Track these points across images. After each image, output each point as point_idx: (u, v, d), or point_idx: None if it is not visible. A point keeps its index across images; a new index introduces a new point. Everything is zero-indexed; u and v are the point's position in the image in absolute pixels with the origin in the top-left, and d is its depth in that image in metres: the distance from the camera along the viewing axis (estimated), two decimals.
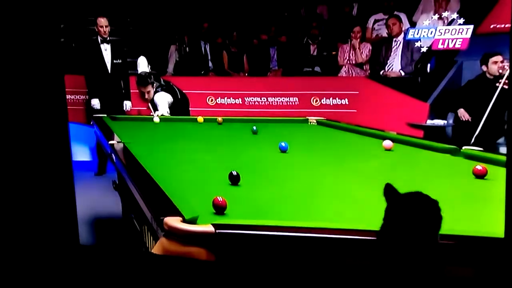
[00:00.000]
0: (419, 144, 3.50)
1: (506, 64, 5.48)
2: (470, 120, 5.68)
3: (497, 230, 1.47)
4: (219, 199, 1.78)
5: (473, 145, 3.28)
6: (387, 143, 3.37)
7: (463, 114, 5.75)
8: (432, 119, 6.39)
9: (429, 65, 6.79)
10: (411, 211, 1.23)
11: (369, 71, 7.11)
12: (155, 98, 5.51)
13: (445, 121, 6.29)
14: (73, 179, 2.06)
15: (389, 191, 1.31)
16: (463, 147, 3.21)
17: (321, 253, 1.45)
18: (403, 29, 6.83)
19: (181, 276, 1.48)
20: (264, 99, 7.13)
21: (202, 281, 1.45)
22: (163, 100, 5.49)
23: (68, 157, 2.22)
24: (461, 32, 6.03)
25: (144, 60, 6.10)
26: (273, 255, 1.44)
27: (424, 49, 6.59)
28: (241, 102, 7.14)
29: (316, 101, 7.01)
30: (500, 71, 5.46)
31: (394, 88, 6.59)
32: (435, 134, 6.05)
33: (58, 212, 1.98)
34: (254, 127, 4.14)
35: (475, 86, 5.67)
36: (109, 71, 6.24)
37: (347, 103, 6.94)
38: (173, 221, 1.55)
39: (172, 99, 5.59)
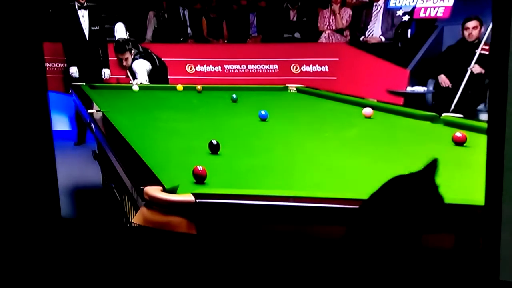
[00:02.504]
0: (399, 112, 3.51)
1: (478, 30, 5.44)
2: (450, 86, 5.68)
3: (477, 197, 1.49)
4: (199, 168, 1.79)
5: (453, 112, 3.29)
6: (367, 110, 3.38)
7: (443, 80, 5.70)
8: (412, 86, 6.36)
9: (409, 30, 6.76)
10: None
11: (349, 37, 7.08)
12: (133, 65, 5.45)
13: (425, 88, 6.27)
14: (53, 150, 2.06)
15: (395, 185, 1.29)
16: (443, 114, 3.23)
17: (301, 222, 1.46)
18: None
19: (162, 247, 1.50)
20: (243, 67, 7.08)
21: (183, 251, 1.47)
22: (142, 67, 5.44)
23: (48, 126, 2.20)
24: (443, 0, 5.93)
25: (121, 26, 6.00)
26: (253, 224, 1.46)
27: (405, 18, 6.55)
28: (220, 70, 7.09)
29: (296, 68, 6.98)
30: (469, 39, 5.44)
31: (374, 54, 6.56)
32: (415, 101, 6.03)
33: (39, 184, 1.97)
34: (234, 95, 4.13)
35: (455, 51, 5.60)
36: (87, 38, 6.14)
37: (327, 70, 6.91)
38: (153, 191, 1.56)
39: (150, 67, 5.53)
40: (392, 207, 1.23)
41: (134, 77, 5.42)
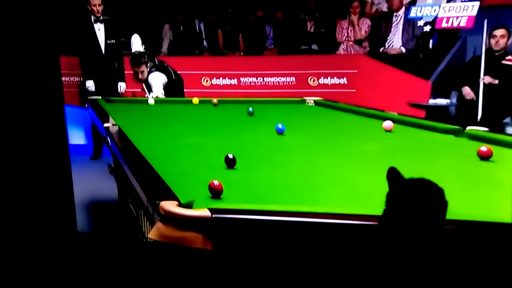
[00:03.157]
0: (420, 125, 3.46)
1: (505, 40, 5.35)
2: (474, 98, 5.55)
3: (504, 215, 1.45)
4: (215, 183, 1.80)
5: (477, 125, 3.23)
6: (388, 123, 3.34)
7: (467, 92, 5.60)
8: (434, 98, 6.25)
9: (431, 40, 6.68)
10: (415, 198, 1.23)
11: (368, 48, 7.05)
12: (149, 78, 5.50)
13: (448, 100, 6.14)
14: (70, 164, 2.08)
15: (393, 175, 1.29)
16: (467, 128, 3.17)
17: (320, 239, 1.45)
18: (404, 2, 6.71)
19: (178, 263, 1.50)
20: (260, 79, 7.11)
21: (199, 268, 1.47)
22: (158, 80, 5.49)
23: (65, 141, 2.23)
24: (466, 9, 5.77)
25: (137, 39, 6.06)
26: (270, 240, 1.45)
27: (427, 28, 6.47)
28: (236, 83, 7.13)
29: (314, 80, 6.98)
30: (496, 47, 5.35)
31: (394, 66, 6.47)
32: (438, 114, 5.91)
33: (56, 199, 2.00)
34: (250, 108, 4.14)
35: (480, 62, 5.50)
36: (103, 52, 6.22)
37: (345, 82, 6.89)
38: (169, 205, 1.56)
39: (166, 80, 5.58)
40: (408, 224, 1.22)
41: (150, 90, 5.47)
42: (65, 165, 2.08)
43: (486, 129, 3.15)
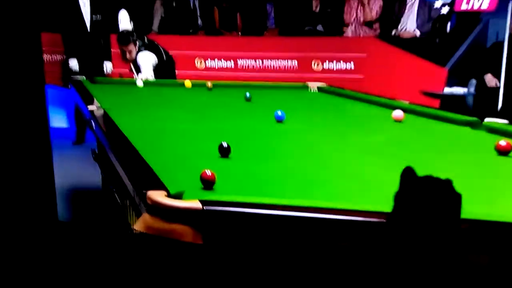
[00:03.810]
0: (434, 115, 3.46)
1: None
2: (498, 85, 5.45)
3: None
4: (208, 173, 1.81)
5: (497, 117, 3.23)
6: (398, 113, 3.34)
7: (490, 79, 5.54)
8: (450, 86, 6.22)
9: (449, 23, 6.64)
10: (425, 198, 1.25)
11: (379, 31, 7.04)
12: (137, 58, 5.50)
13: (466, 89, 6.09)
14: (50, 149, 2.10)
15: (407, 175, 1.30)
16: (486, 119, 3.16)
17: (319, 236, 1.46)
18: None
19: (165, 256, 1.52)
20: (259, 62, 7.11)
21: (187, 262, 1.49)
22: (147, 61, 5.49)
23: (46, 124, 2.24)
24: None
25: (126, 16, 6.06)
26: (265, 236, 1.47)
27: (444, 10, 6.43)
28: (233, 65, 7.13)
29: (318, 64, 6.98)
30: None
31: (407, 51, 6.44)
32: (454, 104, 5.89)
33: (35, 186, 2.01)
34: (248, 94, 4.15)
35: (503, 48, 5.41)
36: (88, 29, 6.21)
37: (352, 67, 6.88)
38: (157, 195, 1.58)
39: (156, 60, 5.58)
40: (420, 224, 1.24)
41: (138, 71, 5.47)
42: (45, 150, 2.09)
43: (506, 121, 3.14)
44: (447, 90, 6.27)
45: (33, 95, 2.22)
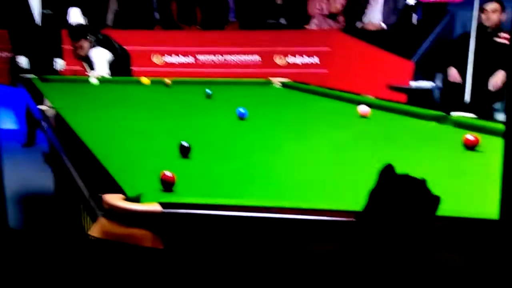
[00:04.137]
0: (401, 110, 3.53)
1: (497, 15, 5.34)
2: (461, 82, 5.56)
3: (491, 210, 1.49)
4: (167, 174, 1.80)
5: (464, 111, 3.32)
6: (363, 108, 3.39)
7: (453, 74, 5.62)
8: (417, 80, 6.32)
9: (415, 15, 6.73)
10: (401, 196, 1.26)
11: (343, 23, 7.10)
12: (91, 55, 5.45)
13: (433, 83, 6.21)
14: (1, 152, 2.06)
15: (387, 172, 1.30)
16: (452, 113, 3.22)
17: (285, 236, 1.46)
18: None
19: (123, 263, 1.51)
20: (219, 57, 7.12)
21: (147, 268, 1.48)
22: (101, 58, 5.44)
23: None
24: None
25: (76, 11, 5.99)
26: (228, 239, 1.47)
27: (411, 1, 6.49)
28: (193, 61, 7.11)
29: (281, 59, 7.02)
30: (487, 23, 5.35)
31: (373, 44, 6.53)
32: (421, 99, 5.93)
33: None
34: (208, 90, 4.15)
35: (469, 40, 5.48)
36: (38, 23, 6.12)
37: (317, 61, 6.95)
38: (114, 199, 1.56)
39: (112, 57, 5.53)
40: (391, 219, 1.25)
41: (92, 67, 5.41)
42: None
43: (473, 115, 3.20)
44: (414, 84, 6.34)
45: None
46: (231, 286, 1.45)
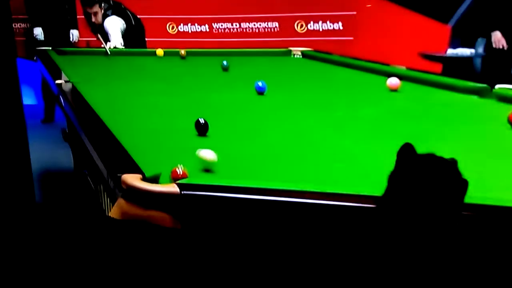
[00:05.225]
0: (435, 83, 3.36)
1: None
2: (506, 47, 5.23)
3: None
4: (178, 171, 1.66)
5: (510, 83, 3.08)
6: (393, 81, 3.25)
7: (498, 39, 5.25)
8: (454, 47, 6.02)
9: None
10: (424, 179, 1.18)
11: None
12: (105, 24, 5.42)
13: (473, 50, 5.79)
14: (25, 129, 2.07)
15: (405, 152, 1.23)
16: (496, 86, 3.01)
17: (306, 222, 1.45)
18: None
19: (143, 243, 1.53)
20: (235, 25, 7.03)
21: (165, 249, 1.51)
22: (115, 26, 5.40)
23: (19, 103, 2.22)
24: None
25: None
26: (246, 222, 1.48)
27: None
28: (208, 29, 7.05)
29: (302, 26, 6.89)
30: None
31: (404, 6, 6.23)
32: (459, 68, 5.72)
33: (10, 168, 2.01)
34: (225, 62, 4.13)
35: None
36: None
37: (341, 28, 6.76)
38: (132, 179, 1.58)
39: (125, 25, 5.51)
40: (411, 206, 1.19)
41: (107, 39, 5.41)
42: (20, 130, 2.09)
43: None
44: (451, 51, 5.99)
45: (4, 71, 2.21)
46: (248, 270, 1.47)
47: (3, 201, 2.16)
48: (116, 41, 5.33)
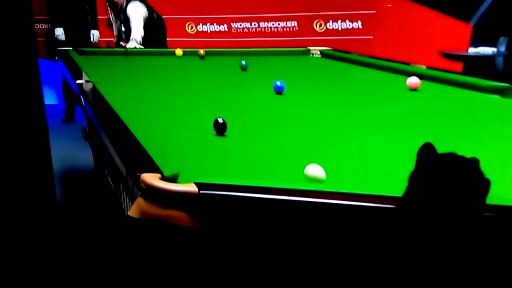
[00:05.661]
0: (456, 82, 3.33)
1: None
2: None
3: None
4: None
5: None
6: (413, 80, 3.24)
7: None
8: (476, 46, 5.85)
9: None
10: (445, 180, 1.17)
11: None
12: (128, 9, 5.44)
13: (495, 49, 5.64)
14: (47, 128, 2.10)
15: (425, 152, 1.22)
16: None
17: (324, 222, 1.45)
18: None
19: (161, 242, 1.54)
20: (254, 25, 7.04)
21: (184, 248, 1.52)
22: (138, 13, 5.39)
23: (40, 101, 2.24)
24: None
25: None
26: (265, 222, 1.48)
27: None
28: (226, 29, 7.06)
29: (321, 25, 6.88)
30: None
31: (424, 4, 6.18)
32: (480, 67, 5.57)
33: (32, 167, 2.03)
34: (243, 62, 4.14)
35: None
36: None
37: (360, 26, 6.73)
38: (151, 178, 1.58)
39: (147, 14, 5.52)
40: (432, 206, 1.18)
41: (127, 38, 5.44)
42: (42, 129, 2.12)
43: None
44: (472, 50, 5.94)
45: (26, 71, 2.24)
46: (267, 269, 1.47)
47: (26, 200, 2.19)
48: (136, 31, 5.32)
